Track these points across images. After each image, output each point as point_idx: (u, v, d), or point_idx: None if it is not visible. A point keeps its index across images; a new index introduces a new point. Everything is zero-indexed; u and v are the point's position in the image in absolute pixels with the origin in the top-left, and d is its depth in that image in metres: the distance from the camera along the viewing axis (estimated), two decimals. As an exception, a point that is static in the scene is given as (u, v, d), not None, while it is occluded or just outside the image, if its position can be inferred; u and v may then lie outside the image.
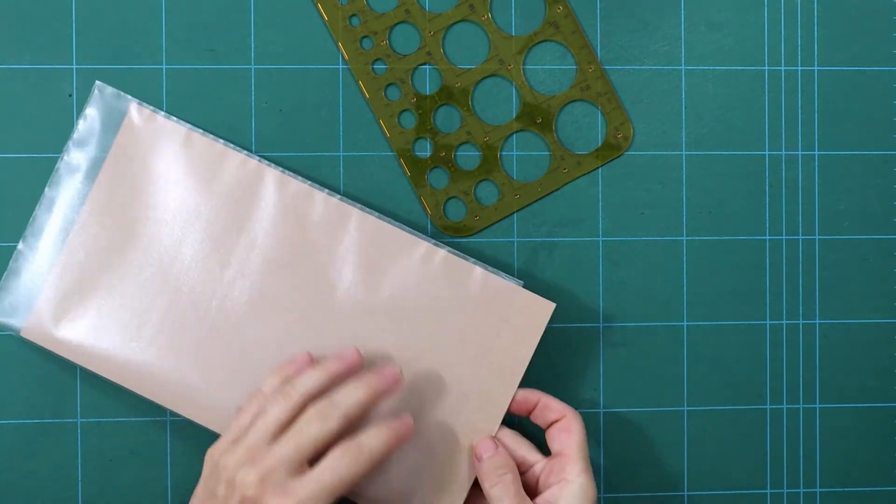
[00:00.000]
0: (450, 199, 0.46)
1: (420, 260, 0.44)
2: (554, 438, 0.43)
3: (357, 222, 0.44)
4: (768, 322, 0.48)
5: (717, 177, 0.48)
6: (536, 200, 0.47)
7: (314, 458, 0.38)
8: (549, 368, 0.47)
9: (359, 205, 0.44)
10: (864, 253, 0.48)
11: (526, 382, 0.44)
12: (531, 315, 0.43)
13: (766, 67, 0.48)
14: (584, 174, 0.47)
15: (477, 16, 0.46)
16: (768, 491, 0.48)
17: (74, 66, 0.46)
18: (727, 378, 0.48)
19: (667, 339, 0.48)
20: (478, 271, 0.44)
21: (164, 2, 0.46)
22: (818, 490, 0.48)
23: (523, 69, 0.47)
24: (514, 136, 0.47)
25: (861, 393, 0.49)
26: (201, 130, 0.45)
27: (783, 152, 0.48)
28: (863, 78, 0.48)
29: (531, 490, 0.43)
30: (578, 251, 0.47)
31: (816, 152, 0.48)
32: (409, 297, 0.44)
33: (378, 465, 0.38)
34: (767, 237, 0.48)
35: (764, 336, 0.48)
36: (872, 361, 0.49)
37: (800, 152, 0.48)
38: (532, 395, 0.44)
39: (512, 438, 0.44)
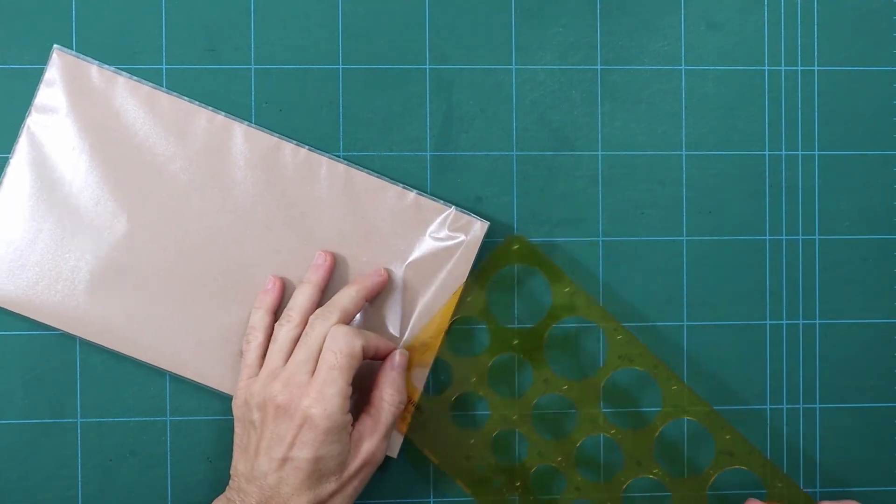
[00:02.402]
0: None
1: (392, 201, 0.46)
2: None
3: (327, 170, 0.45)
4: (768, 322, 0.48)
5: (717, 177, 0.48)
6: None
7: None
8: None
9: (328, 154, 0.46)
10: (864, 253, 0.48)
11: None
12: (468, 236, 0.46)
13: (766, 67, 0.48)
14: None
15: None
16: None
17: (74, 66, 0.46)
18: (727, 378, 0.48)
19: (667, 339, 0.48)
20: (446, 208, 0.46)
21: (164, 2, 0.46)
22: (818, 490, 0.48)
23: None
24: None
25: (861, 393, 0.49)
26: (165, 89, 0.45)
27: (783, 152, 0.48)
28: (863, 78, 0.48)
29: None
30: (578, 251, 0.47)
31: (816, 152, 0.48)
32: (382, 234, 0.46)
33: (351, 317, 0.43)
34: (767, 237, 0.48)
35: (764, 336, 0.48)
36: (872, 361, 0.49)
37: (800, 152, 0.48)
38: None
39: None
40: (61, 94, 0.45)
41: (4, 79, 0.46)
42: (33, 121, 0.45)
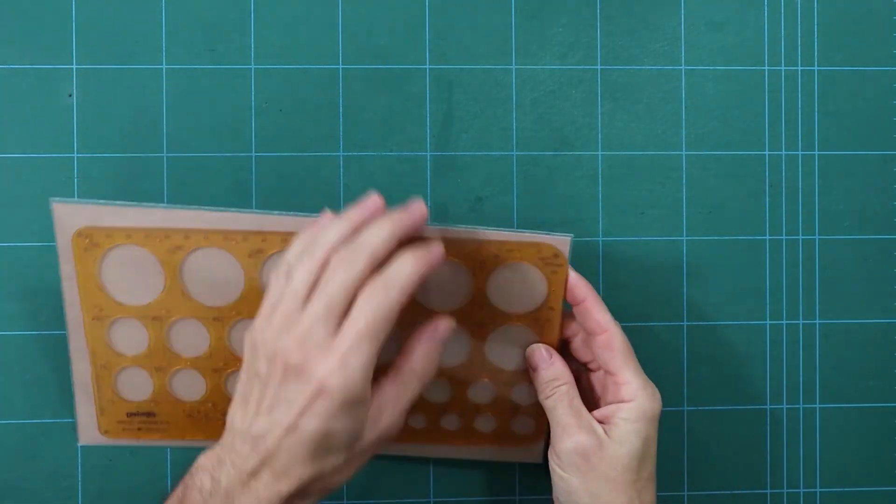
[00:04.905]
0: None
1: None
2: (597, 352, 0.41)
3: None
4: (768, 322, 0.48)
5: (717, 177, 0.48)
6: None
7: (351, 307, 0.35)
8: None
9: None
10: (864, 253, 0.48)
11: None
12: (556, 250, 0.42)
13: (766, 67, 0.48)
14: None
15: None
16: (768, 491, 0.48)
17: (74, 66, 0.46)
18: (727, 378, 0.48)
19: (667, 339, 0.48)
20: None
21: (164, 2, 0.46)
22: (818, 490, 0.48)
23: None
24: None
25: (861, 393, 0.49)
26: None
27: (783, 152, 0.48)
28: (863, 78, 0.48)
29: (591, 399, 0.42)
30: (578, 251, 0.47)
31: (816, 152, 0.48)
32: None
33: (380, 262, 0.35)
34: (767, 237, 0.48)
35: (764, 336, 0.48)
36: (872, 361, 0.49)
37: (800, 152, 0.48)
38: (579, 291, 0.41)
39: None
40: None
41: (4, 79, 0.46)
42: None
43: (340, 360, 0.33)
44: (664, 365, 0.48)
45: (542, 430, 0.45)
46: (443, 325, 0.38)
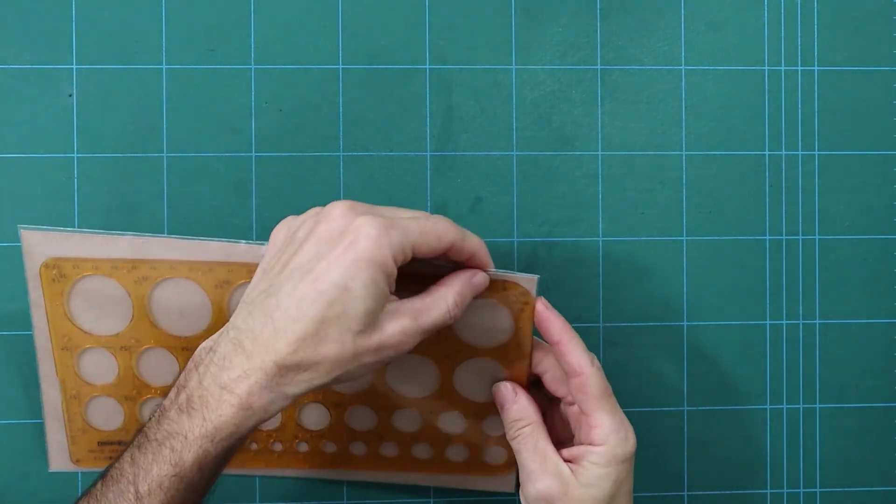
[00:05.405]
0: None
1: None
2: (572, 391, 0.39)
3: None
4: (768, 322, 0.48)
5: (717, 177, 0.48)
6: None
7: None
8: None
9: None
10: (864, 253, 0.48)
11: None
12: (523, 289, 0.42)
13: (766, 67, 0.48)
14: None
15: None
16: (768, 491, 0.48)
17: (74, 66, 0.46)
18: (727, 378, 0.48)
19: (667, 339, 0.48)
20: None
21: (164, 2, 0.46)
22: (818, 490, 0.48)
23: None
24: None
25: (861, 393, 0.49)
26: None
27: (783, 152, 0.48)
28: (863, 78, 0.48)
29: (564, 433, 0.41)
30: (578, 251, 0.47)
31: (816, 152, 0.48)
32: None
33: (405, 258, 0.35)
34: (767, 237, 0.48)
35: (764, 336, 0.48)
36: (872, 361, 0.49)
37: (800, 152, 0.48)
38: (554, 332, 0.39)
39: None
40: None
41: (4, 79, 0.46)
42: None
43: (381, 226, 0.33)
44: (664, 365, 0.48)
45: (513, 460, 0.45)
46: (480, 276, 0.38)
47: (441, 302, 0.36)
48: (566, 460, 0.39)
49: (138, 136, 0.46)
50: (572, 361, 0.39)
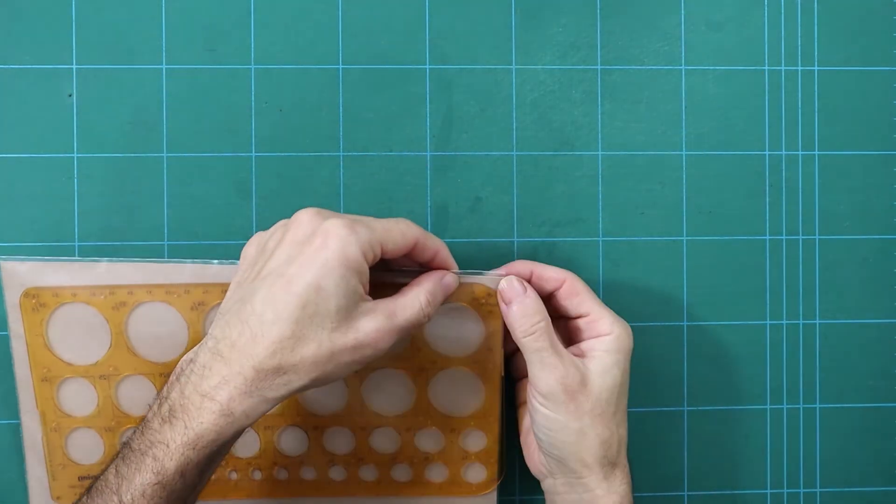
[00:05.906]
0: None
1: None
2: (564, 306, 0.41)
3: None
4: (768, 322, 0.48)
5: (717, 177, 0.48)
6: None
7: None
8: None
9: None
10: (864, 253, 0.48)
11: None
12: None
13: (766, 67, 0.48)
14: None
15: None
16: (768, 491, 0.48)
17: (74, 66, 0.46)
18: (727, 378, 0.48)
19: (667, 339, 0.48)
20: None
21: (164, 2, 0.46)
22: (818, 490, 0.48)
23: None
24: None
25: (861, 393, 0.49)
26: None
27: (783, 152, 0.48)
28: (863, 78, 0.48)
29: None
30: (578, 251, 0.47)
31: (816, 152, 0.48)
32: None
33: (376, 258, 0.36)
34: (767, 237, 0.48)
35: (764, 336, 0.48)
36: (872, 361, 0.49)
37: (800, 152, 0.48)
38: (524, 268, 0.42)
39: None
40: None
41: (4, 79, 0.46)
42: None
43: (348, 226, 0.34)
44: (664, 365, 0.48)
45: (494, 478, 0.45)
46: (450, 276, 0.39)
47: (414, 301, 0.37)
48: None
49: (138, 136, 0.46)
50: (552, 274, 0.41)
